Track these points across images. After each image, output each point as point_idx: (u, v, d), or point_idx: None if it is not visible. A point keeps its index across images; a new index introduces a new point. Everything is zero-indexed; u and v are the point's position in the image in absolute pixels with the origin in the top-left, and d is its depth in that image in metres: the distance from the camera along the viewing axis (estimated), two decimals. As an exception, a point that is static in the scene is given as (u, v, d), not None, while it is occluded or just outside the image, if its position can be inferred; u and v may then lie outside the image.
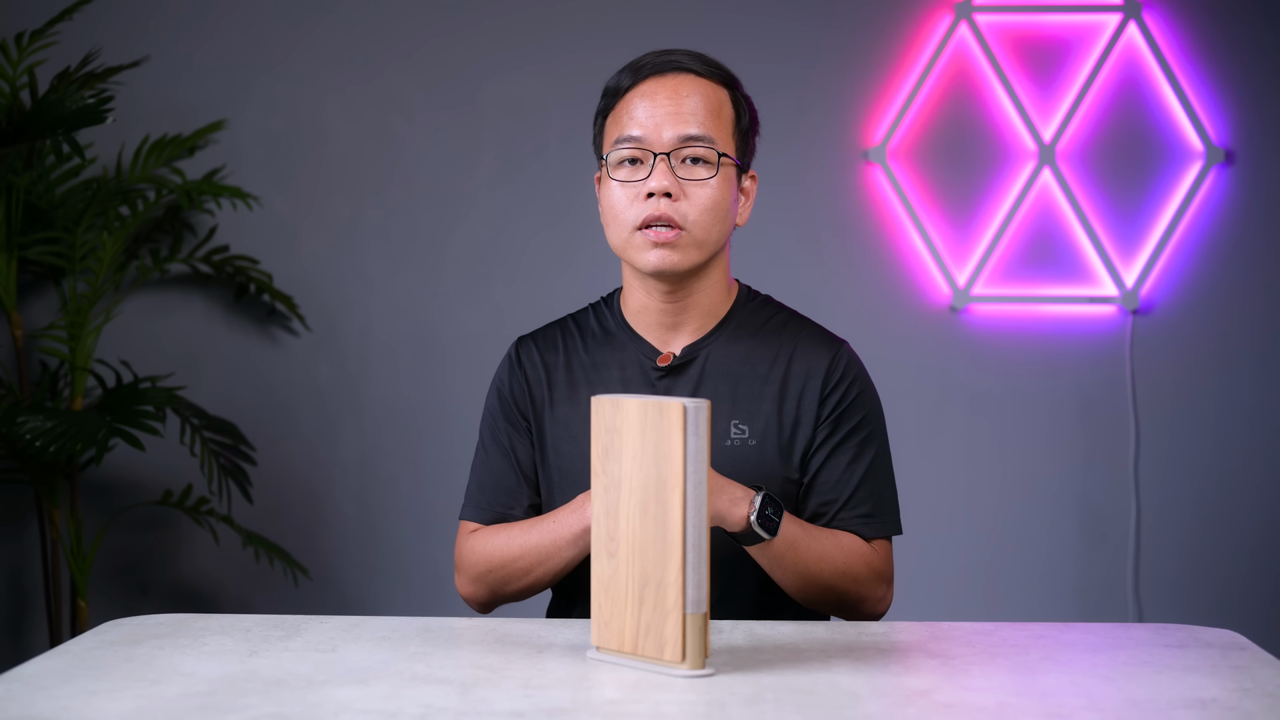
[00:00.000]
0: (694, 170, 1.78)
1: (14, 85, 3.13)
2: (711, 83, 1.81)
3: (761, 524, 1.67)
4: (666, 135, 1.77)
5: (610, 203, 1.80)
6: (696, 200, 1.77)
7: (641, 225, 1.77)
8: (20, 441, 2.97)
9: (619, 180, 1.79)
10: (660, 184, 1.76)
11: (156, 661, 1.48)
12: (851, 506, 1.81)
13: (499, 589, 1.84)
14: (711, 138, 1.78)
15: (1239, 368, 3.43)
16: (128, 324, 3.42)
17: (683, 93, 1.79)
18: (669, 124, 1.77)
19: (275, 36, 3.45)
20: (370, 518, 3.48)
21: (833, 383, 1.83)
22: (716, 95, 1.81)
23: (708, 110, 1.79)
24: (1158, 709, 1.33)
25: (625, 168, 1.79)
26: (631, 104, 1.79)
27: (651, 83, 1.79)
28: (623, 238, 1.79)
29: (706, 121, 1.78)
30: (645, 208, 1.77)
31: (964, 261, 3.43)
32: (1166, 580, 3.43)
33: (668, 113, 1.77)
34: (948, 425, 3.45)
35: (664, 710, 1.32)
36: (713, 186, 1.78)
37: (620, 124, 1.80)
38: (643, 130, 1.77)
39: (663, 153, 1.76)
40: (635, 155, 1.78)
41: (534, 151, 3.45)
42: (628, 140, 1.78)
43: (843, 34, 3.43)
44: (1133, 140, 3.42)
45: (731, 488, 1.67)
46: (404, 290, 3.46)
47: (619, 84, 1.82)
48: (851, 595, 1.79)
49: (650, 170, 1.77)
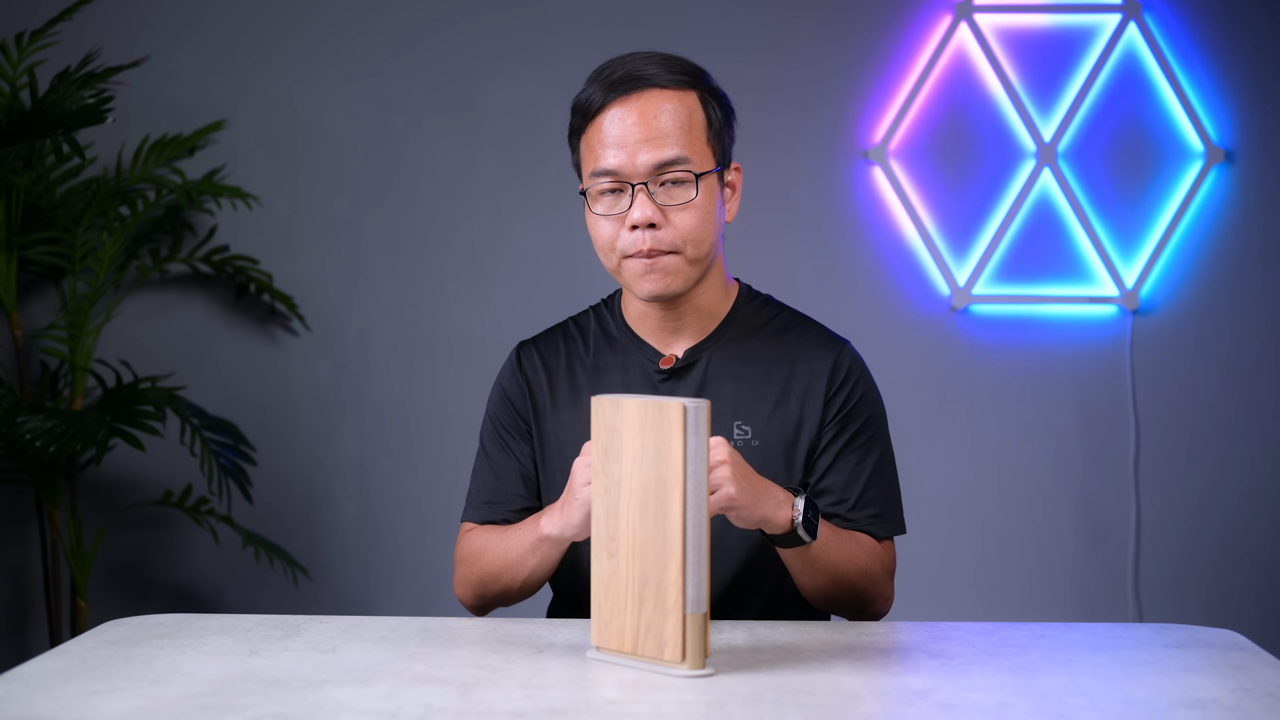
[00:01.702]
0: (674, 193, 1.75)
1: (14, 85, 3.13)
2: (679, 91, 1.77)
3: (805, 527, 1.67)
4: (641, 163, 1.74)
5: (596, 233, 1.79)
6: (680, 224, 1.75)
7: (629, 255, 1.76)
8: (20, 441, 2.97)
9: (600, 214, 1.78)
10: (643, 215, 1.74)
11: (156, 661, 1.48)
12: (861, 507, 1.81)
13: (482, 593, 1.83)
14: (686, 156, 1.75)
15: (1239, 368, 3.43)
16: (128, 324, 3.42)
17: (650, 113, 1.75)
18: (642, 150, 1.74)
19: (275, 36, 3.45)
20: (370, 518, 3.48)
21: (837, 383, 1.83)
22: (686, 104, 1.77)
23: (679, 126, 1.76)
24: (1158, 709, 1.33)
25: (606, 199, 1.77)
26: (602, 130, 1.77)
27: (619, 105, 1.76)
28: (614, 265, 1.79)
29: (679, 140, 1.75)
30: (632, 240, 1.75)
31: (964, 261, 3.43)
32: (1166, 580, 3.43)
33: (639, 139, 1.74)
34: (948, 425, 3.45)
35: (664, 710, 1.32)
36: (696, 206, 1.76)
37: (594, 154, 1.78)
38: (617, 161, 1.75)
39: (640, 182, 1.75)
40: (614, 187, 1.76)
41: (534, 151, 3.45)
42: (604, 174, 1.76)
43: (843, 34, 3.43)
44: (1133, 140, 3.42)
45: (773, 489, 1.66)
46: (404, 290, 3.46)
47: (588, 104, 1.79)
48: (868, 595, 1.79)
49: (631, 200, 1.75)
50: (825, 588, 1.76)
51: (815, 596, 1.78)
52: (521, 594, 1.81)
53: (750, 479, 1.62)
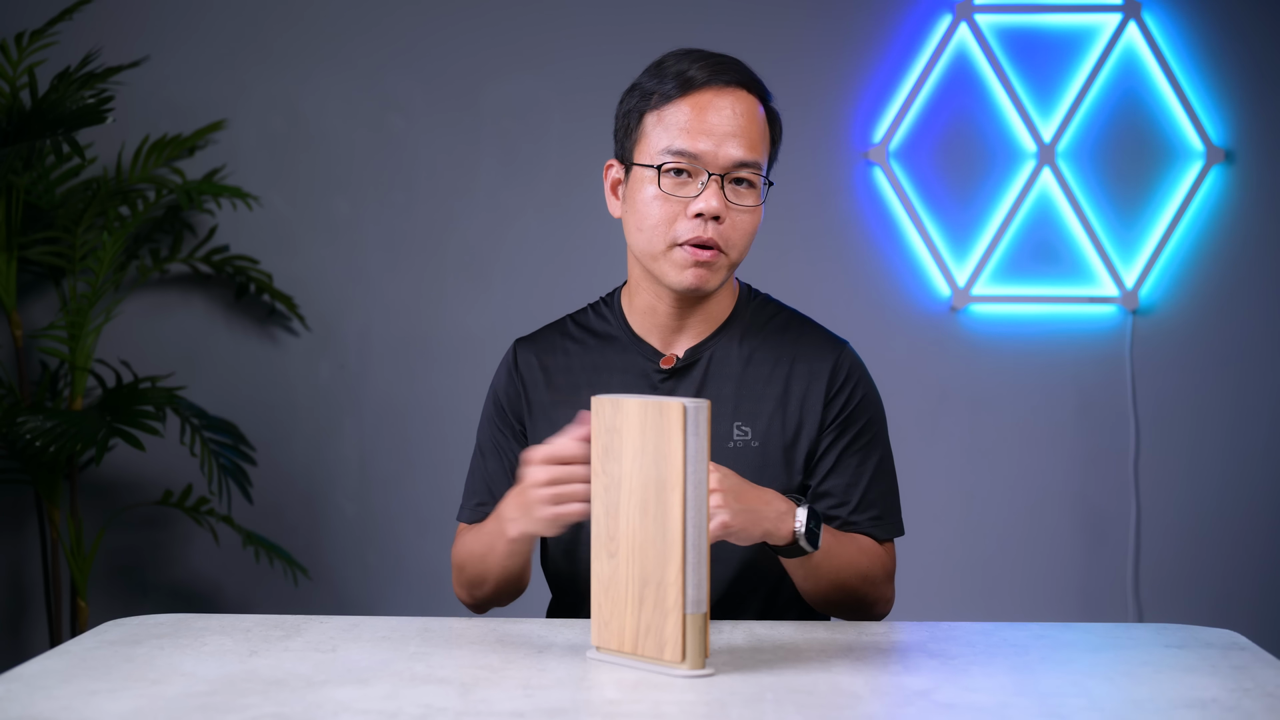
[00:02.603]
0: (740, 194, 1.75)
1: (14, 85, 3.13)
2: (758, 101, 1.78)
3: (808, 538, 1.65)
4: (724, 157, 1.73)
5: (648, 210, 1.75)
6: (740, 225, 1.75)
7: (683, 242, 1.74)
8: (20, 441, 2.97)
9: (665, 192, 1.74)
10: (713, 206, 1.71)
11: (156, 661, 1.48)
12: (862, 510, 1.81)
13: (473, 591, 1.84)
14: (760, 162, 1.75)
15: (1239, 368, 3.43)
16: (128, 324, 3.42)
17: (739, 110, 1.75)
18: (728, 144, 1.73)
19: (275, 36, 3.45)
20: (370, 518, 3.48)
21: (837, 385, 1.83)
22: (762, 115, 1.78)
23: (759, 132, 1.76)
24: (1158, 709, 1.33)
25: (671, 178, 1.74)
26: (686, 113, 1.73)
27: (710, 94, 1.74)
28: (658, 249, 1.75)
29: (758, 145, 1.75)
30: (691, 226, 1.73)
31: (964, 261, 3.43)
32: (1166, 580, 3.43)
33: (727, 132, 1.73)
34: (948, 425, 3.45)
35: (664, 710, 1.32)
36: (756, 213, 1.76)
37: (671, 133, 1.73)
38: (704, 146, 1.72)
39: (718, 174, 1.73)
40: (687, 168, 1.73)
41: (534, 151, 3.45)
42: (683, 154, 1.73)
43: (843, 34, 3.43)
44: (1133, 140, 3.42)
45: (773, 502, 1.64)
46: (404, 290, 3.46)
47: (688, 78, 1.74)
48: (869, 598, 1.79)
49: (702, 189, 1.73)
50: (827, 592, 1.76)
51: (816, 600, 1.78)
52: (501, 589, 1.81)
53: (746, 498, 1.60)
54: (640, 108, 1.78)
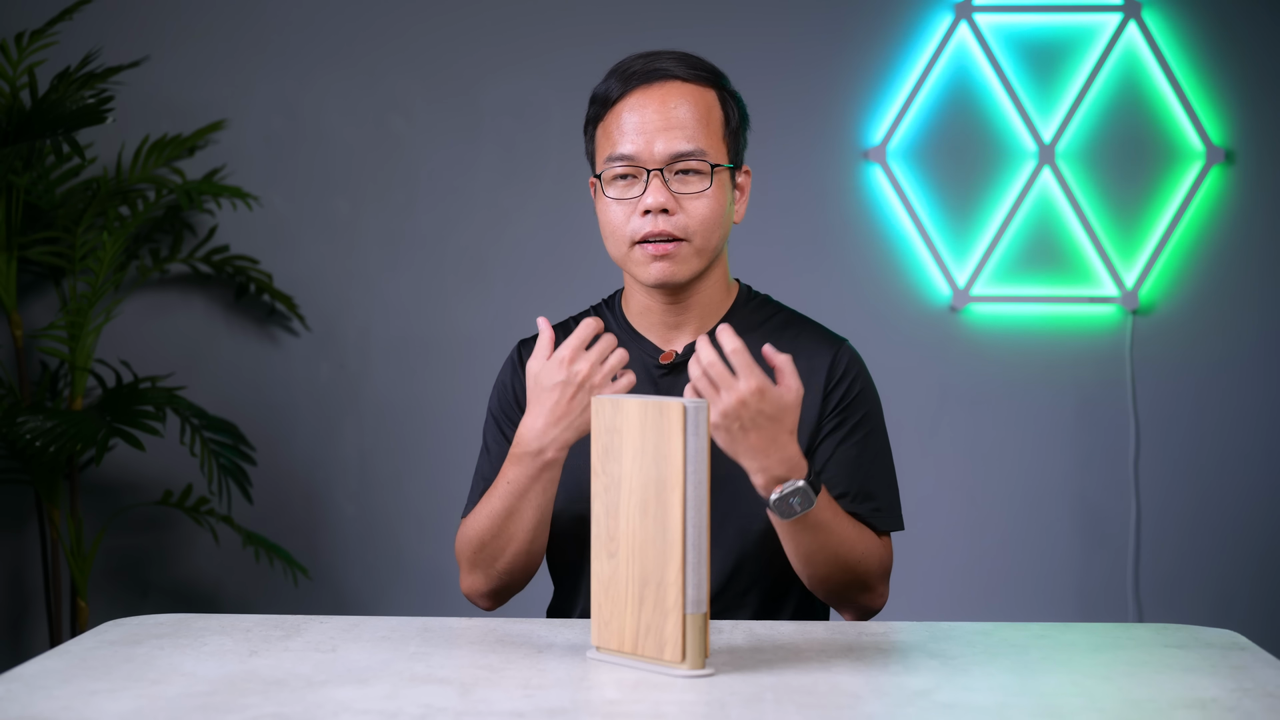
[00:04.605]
0: (688, 182, 1.78)
1: (14, 85, 3.13)
2: (699, 86, 1.80)
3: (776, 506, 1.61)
4: (658, 151, 1.77)
5: (607, 218, 1.81)
6: (694, 212, 1.78)
7: (640, 240, 1.78)
8: (20, 441, 2.97)
9: (613, 198, 1.79)
10: (656, 200, 1.76)
11: (156, 661, 1.48)
12: (861, 500, 1.81)
13: (490, 567, 1.79)
14: (703, 149, 1.78)
15: (1239, 368, 3.43)
16: (128, 324, 3.42)
17: (670, 103, 1.78)
18: (660, 138, 1.77)
19: (275, 36, 3.45)
20: (370, 518, 3.48)
21: (835, 379, 1.84)
22: (704, 100, 1.80)
23: (697, 119, 1.78)
24: (1158, 709, 1.33)
25: (619, 184, 1.79)
26: (620, 117, 1.79)
27: (639, 94, 1.79)
28: (622, 252, 1.80)
29: (697, 132, 1.78)
30: (643, 223, 1.77)
31: (964, 261, 3.43)
32: (1166, 580, 3.43)
33: (657, 127, 1.77)
34: (948, 425, 3.45)
35: (664, 710, 1.32)
36: (709, 197, 1.78)
37: (611, 139, 1.80)
38: (634, 147, 1.77)
39: (655, 169, 1.77)
40: (628, 172, 1.79)
41: (534, 151, 3.45)
42: (620, 159, 1.78)
43: (843, 34, 3.43)
44: (1132, 140, 3.42)
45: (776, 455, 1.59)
46: (404, 290, 3.46)
47: (607, 93, 1.81)
48: (860, 583, 1.76)
49: (645, 186, 1.77)
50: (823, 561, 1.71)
51: (809, 576, 1.73)
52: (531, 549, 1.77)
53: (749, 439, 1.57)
54: (593, 122, 1.85)
